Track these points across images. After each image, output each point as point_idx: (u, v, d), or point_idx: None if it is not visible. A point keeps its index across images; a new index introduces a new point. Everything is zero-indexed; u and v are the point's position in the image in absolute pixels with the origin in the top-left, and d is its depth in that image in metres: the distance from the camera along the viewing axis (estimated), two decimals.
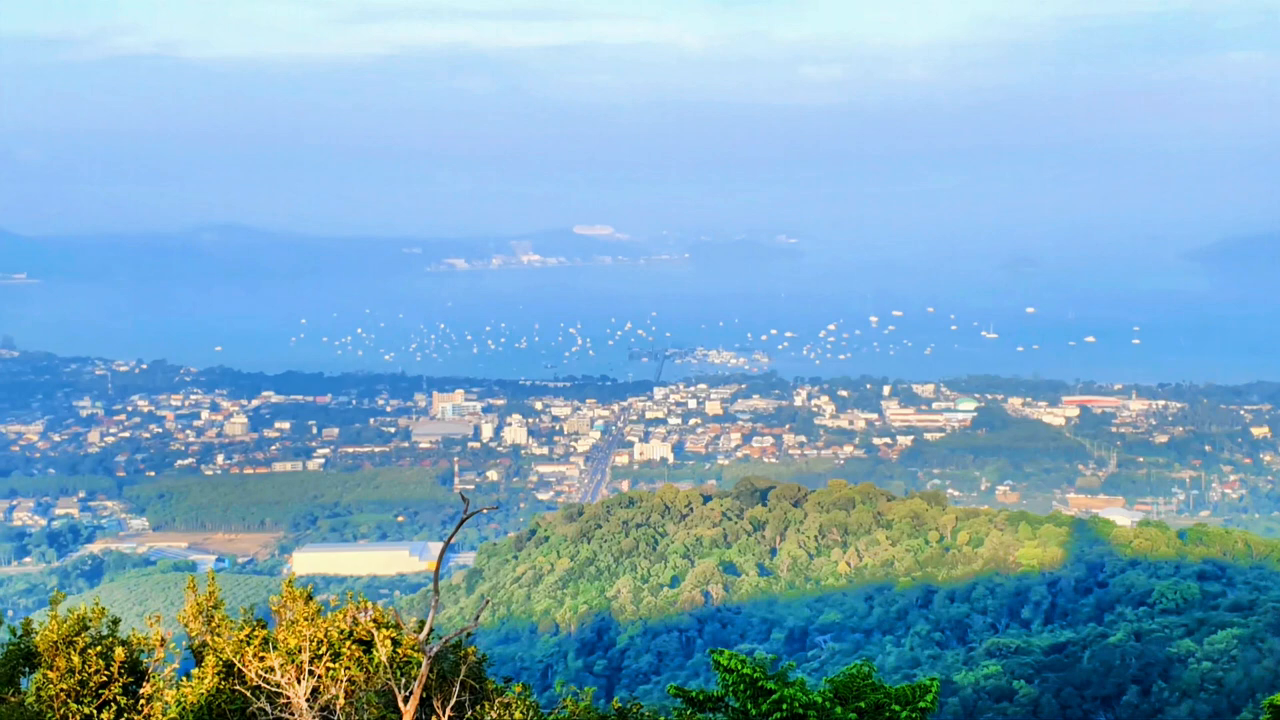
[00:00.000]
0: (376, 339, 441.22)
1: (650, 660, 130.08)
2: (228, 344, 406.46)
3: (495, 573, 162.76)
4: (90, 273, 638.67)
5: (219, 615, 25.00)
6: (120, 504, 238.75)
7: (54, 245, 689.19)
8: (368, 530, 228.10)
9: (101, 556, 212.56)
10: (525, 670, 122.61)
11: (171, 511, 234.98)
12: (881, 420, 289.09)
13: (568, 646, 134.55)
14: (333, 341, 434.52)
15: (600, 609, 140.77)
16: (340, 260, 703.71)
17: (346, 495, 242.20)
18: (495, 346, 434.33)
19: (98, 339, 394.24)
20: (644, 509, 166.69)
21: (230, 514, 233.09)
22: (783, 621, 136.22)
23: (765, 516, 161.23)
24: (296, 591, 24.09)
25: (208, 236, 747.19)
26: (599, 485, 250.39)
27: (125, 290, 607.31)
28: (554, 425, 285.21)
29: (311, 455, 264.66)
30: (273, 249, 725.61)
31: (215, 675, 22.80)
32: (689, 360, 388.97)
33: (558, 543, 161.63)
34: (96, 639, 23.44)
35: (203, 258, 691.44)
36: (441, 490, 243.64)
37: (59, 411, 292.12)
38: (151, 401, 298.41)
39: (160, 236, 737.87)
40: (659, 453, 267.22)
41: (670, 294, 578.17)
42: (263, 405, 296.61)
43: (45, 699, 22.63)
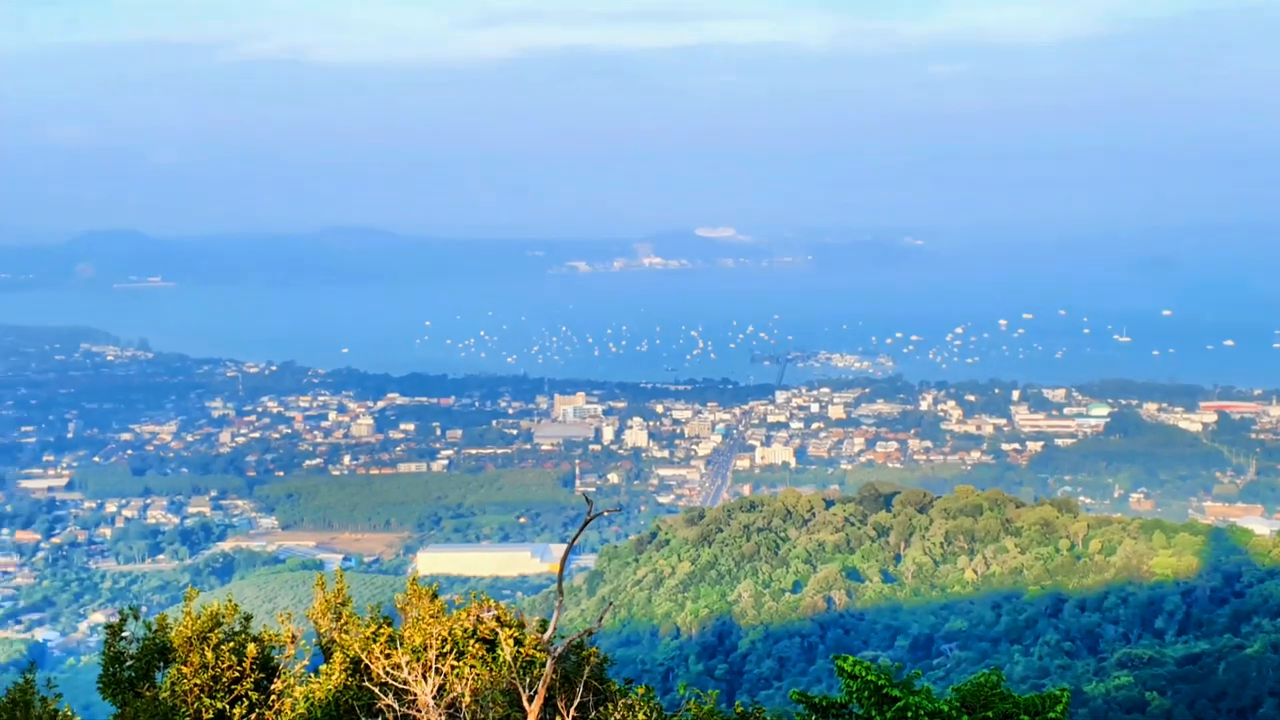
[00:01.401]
0: (499, 341, 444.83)
1: (772, 665, 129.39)
2: (354, 346, 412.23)
3: (616, 575, 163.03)
4: (222, 275, 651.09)
5: (347, 613, 25.24)
6: (250, 503, 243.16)
7: (188, 248, 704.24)
8: (490, 531, 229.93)
9: (232, 554, 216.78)
10: (646, 673, 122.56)
11: (300, 511, 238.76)
12: (1010, 425, 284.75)
13: (688, 650, 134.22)
14: (456, 344, 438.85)
15: (721, 613, 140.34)
16: (464, 263, 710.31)
17: (469, 496, 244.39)
18: (616, 349, 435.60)
19: (229, 340, 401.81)
20: (766, 513, 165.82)
21: (356, 514, 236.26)
22: (907, 629, 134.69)
23: (889, 522, 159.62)
24: (422, 590, 24.23)
25: (336, 239, 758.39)
26: (720, 489, 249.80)
27: (256, 292, 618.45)
28: (675, 428, 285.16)
29: (435, 457, 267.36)
30: (399, 252, 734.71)
31: (343, 671, 23.00)
32: (812, 363, 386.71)
33: (679, 546, 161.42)
34: (229, 635, 23.75)
35: (331, 260, 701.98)
36: (563, 492, 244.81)
37: (192, 412, 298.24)
38: (281, 403, 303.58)
39: (290, 239, 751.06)
40: (781, 457, 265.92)
41: (793, 296, 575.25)
42: (388, 407, 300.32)
43: (179, 694, 22.96)
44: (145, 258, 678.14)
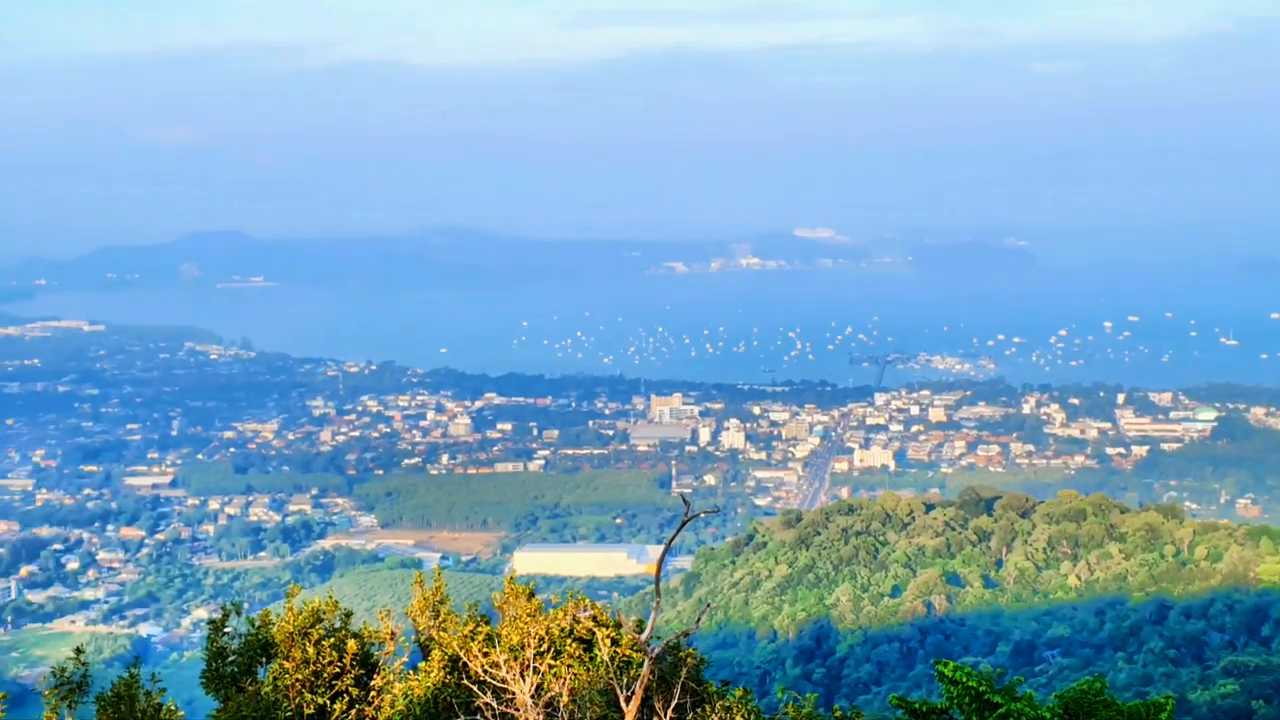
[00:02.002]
0: (596, 342, 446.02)
1: (870, 670, 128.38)
2: (452, 346, 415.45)
3: (713, 577, 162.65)
4: (323, 275, 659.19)
5: (445, 611, 25.34)
6: (350, 501, 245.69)
7: (289, 249, 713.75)
8: (586, 532, 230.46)
9: (332, 552, 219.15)
10: (743, 675, 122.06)
11: (399, 509, 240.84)
12: (1115, 429, 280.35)
13: (786, 653, 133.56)
14: (553, 344, 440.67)
15: (819, 616, 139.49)
16: (561, 263, 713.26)
17: (566, 496, 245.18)
18: (713, 350, 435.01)
19: (330, 340, 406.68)
20: (864, 516, 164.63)
21: (454, 513, 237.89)
22: (1008, 634, 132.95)
23: (991, 527, 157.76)
24: (519, 589, 24.26)
25: (434, 240, 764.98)
26: (818, 492, 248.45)
27: (356, 292, 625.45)
28: (772, 430, 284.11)
29: (532, 456, 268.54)
30: (497, 252, 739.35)
31: (441, 669, 23.08)
32: (912, 365, 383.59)
33: (776, 549, 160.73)
34: (330, 631, 23.93)
35: (430, 261, 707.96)
36: (659, 493, 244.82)
37: (293, 411, 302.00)
38: (380, 402, 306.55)
39: (389, 240, 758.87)
40: (880, 460, 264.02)
41: (893, 297, 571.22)
42: (486, 407, 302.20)
43: (281, 688, 23.16)
44: (248, 258, 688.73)
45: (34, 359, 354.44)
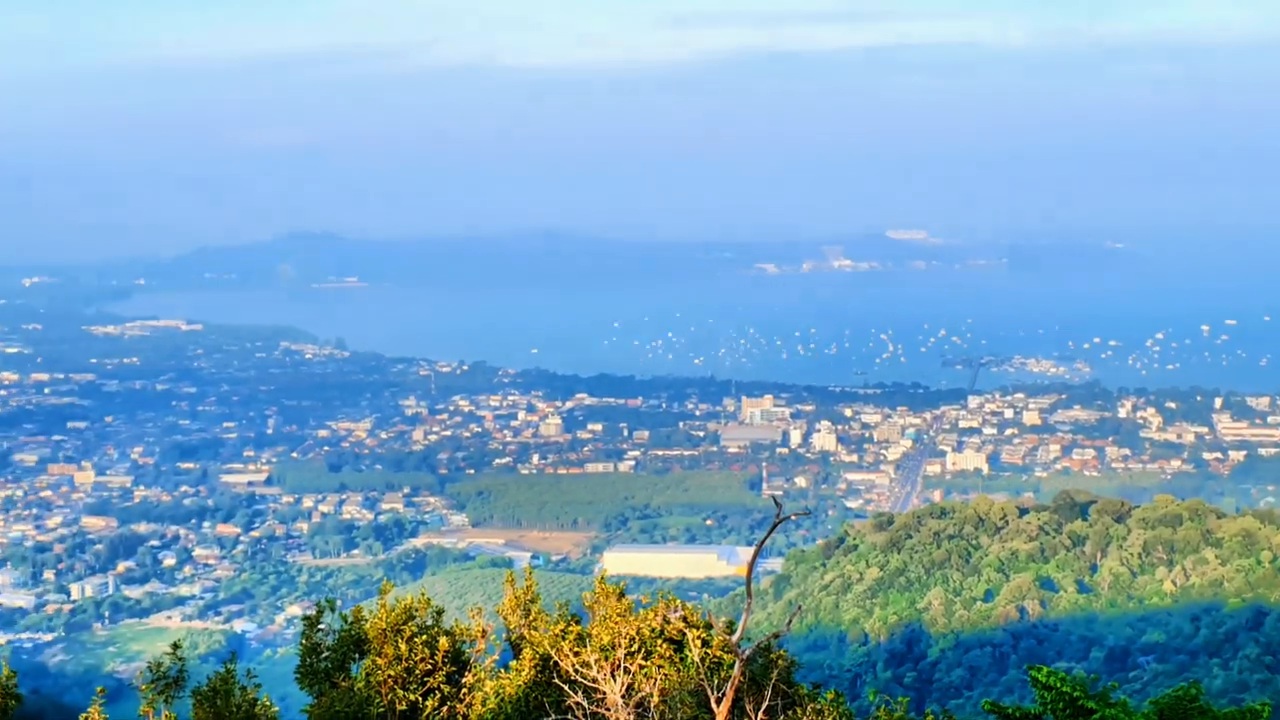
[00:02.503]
0: (686, 343, 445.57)
1: (962, 674, 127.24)
2: (543, 346, 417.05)
3: (803, 579, 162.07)
4: (416, 276, 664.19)
5: (536, 610, 25.42)
6: (442, 500, 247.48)
7: (383, 250, 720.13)
8: (676, 533, 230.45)
9: (424, 550, 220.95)
10: (833, 678, 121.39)
11: (489, 509, 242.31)
12: (1212, 434, 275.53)
13: (876, 656, 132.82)
14: (644, 345, 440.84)
15: (910, 620, 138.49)
16: (652, 264, 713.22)
17: (656, 497, 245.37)
18: (805, 352, 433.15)
19: (422, 340, 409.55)
20: (957, 520, 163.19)
21: (545, 512, 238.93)
22: (1102, 640, 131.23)
23: (1085, 531, 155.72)
24: (609, 589, 24.28)
25: (527, 241, 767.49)
26: (910, 495, 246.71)
27: (448, 293, 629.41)
28: (864, 432, 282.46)
29: (623, 457, 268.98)
30: (589, 253, 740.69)
31: (532, 668, 23.15)
32: (1005, 368, 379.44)
33: (867, 552, 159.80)
34: (422, 628, 24.11)
35: (521, 261, 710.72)
36: (749, 495, 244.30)
37: (386, 410, 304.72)
38: (472, 401, 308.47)
39: (481, 241, 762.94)
40: (973, 463, 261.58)
41: (987, 299, 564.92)
42: (576, 407, 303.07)
43: (374, 684, 23.36)
44: (343, 259, 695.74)
45: (133, 357, 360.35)
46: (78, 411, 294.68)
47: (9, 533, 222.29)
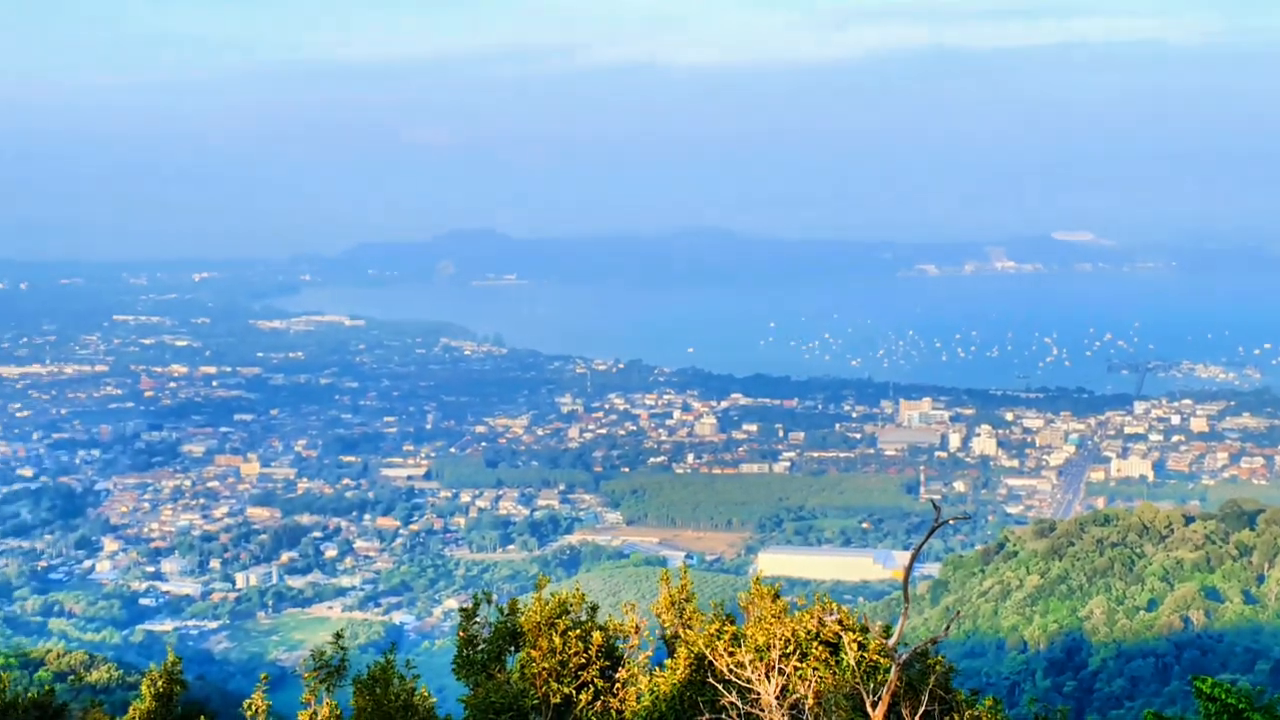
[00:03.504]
0: (844, 344, 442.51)
1: (1123, 685, 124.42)
2: (699, 346, 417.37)
3: (961, 585, 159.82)
4: (574, 274, 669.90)
5: (690, 609, 25.32)
6: (597, 498, 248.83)
7: (541, 248, 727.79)
8: (832, 535, 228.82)
9: (578, 547, 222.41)
10: (990, 686, 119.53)
11: (644, 507, 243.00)
12: None
13: (1035, 665, 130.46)
14: (800, 345, 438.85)
15: (1071, 629, 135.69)
16: (810, 264, 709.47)
17: (811, 499, 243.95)
18: (965, 354, 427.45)
19: (579, 338, 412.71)
20: (1120, 528, 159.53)
21: (699, 512, 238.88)
22: (1269, 652, 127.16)
23: (1253, 541, 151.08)
24: (764, 590, 24.08)
25: (685, 241, 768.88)
26: (1072, 501, 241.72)
27: (606, 292, 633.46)
28: (1025, 437, 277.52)
29: (778, 458, 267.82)
30: (745, 253, 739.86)
31: (687, 666, 23.05)
32: (1173, 374, 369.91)
33: (1027, 558, 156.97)
34: (576, 623, 24.17)
35: (679, 261, 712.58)
36: (907, 498, 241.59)
37: (542, 407, 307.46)
38: (627, 400, 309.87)
39: (639, 240, 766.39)
40: (1138, 470, 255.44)
41: (1155, 303, 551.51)
42: (732, 407, 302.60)
43: (528, 677, 23.48)
44: (502, 256, 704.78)
45: (298, 352, 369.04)
46: (244, 404, 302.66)
47: (177, 522, 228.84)
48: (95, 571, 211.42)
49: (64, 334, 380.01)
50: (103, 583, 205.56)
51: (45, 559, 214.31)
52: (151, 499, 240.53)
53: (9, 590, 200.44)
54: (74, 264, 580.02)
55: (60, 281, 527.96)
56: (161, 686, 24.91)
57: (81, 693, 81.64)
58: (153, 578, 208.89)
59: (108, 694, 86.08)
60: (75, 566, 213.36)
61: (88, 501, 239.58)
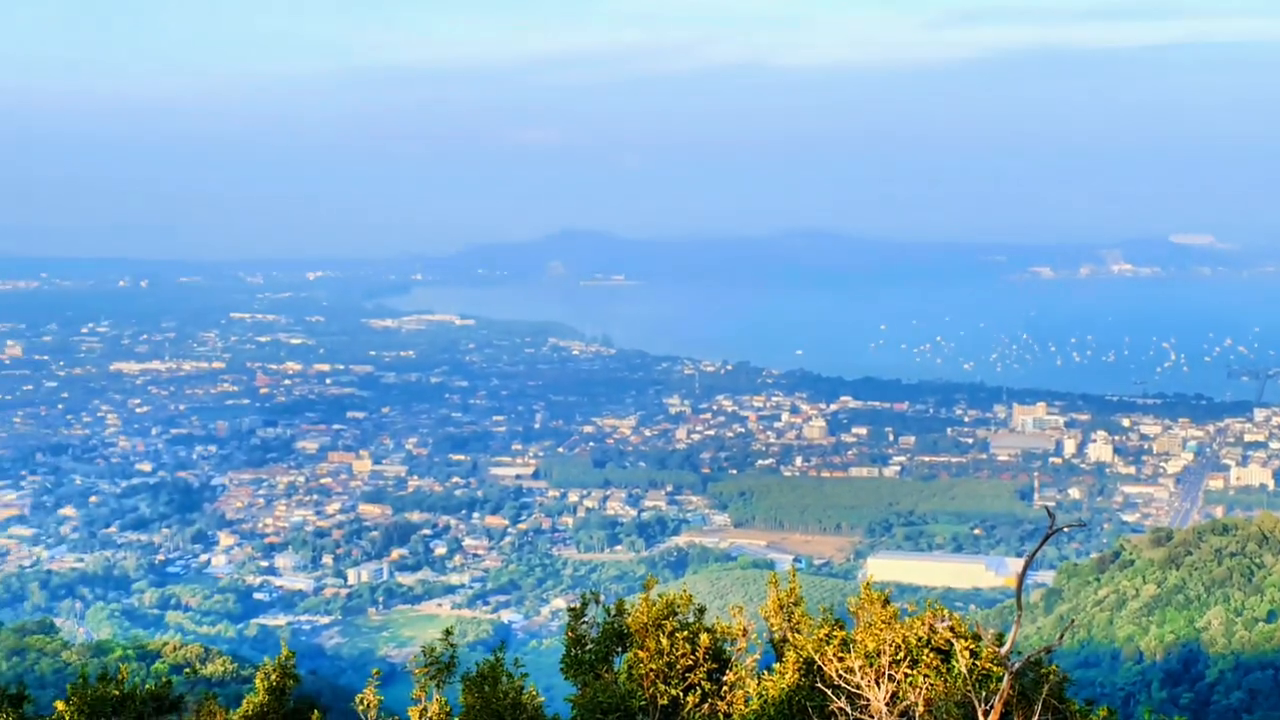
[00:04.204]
0: (956, 347, 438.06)
1: (1241, 697, 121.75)
2: (808, 348, 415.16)
3: (1075, 594, 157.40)
4: (683, 275, 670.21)
5: (799, 612, 25.09)
6: (704, 499, 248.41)
7: (650, 248, 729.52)
8: (943, 541, 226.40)
9: (686, 549, 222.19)
10: (1105, 696, 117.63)
11: (751, 509, 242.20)
12: None
13: (1151, 676, 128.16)
14: (911, 348, 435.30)
15: (1188, 639, 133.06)
16: (921, 267, 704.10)
17: (922, 504, 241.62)
18: (1080, 359, 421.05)
19: (687, 339, 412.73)
20: (1239, 537, 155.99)
21: (807, 515, 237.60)
22: None
23: None
24: (874, 595, 23.80)
25: (792, 241, 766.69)
26: (1190, 510, 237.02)
27: (714, 292, 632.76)
28: (1142, 444, 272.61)
29: (888, 462, 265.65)
30: (855, 254, 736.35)
31: (795, 671, 22.84)
32: None
33: (1144, 567, 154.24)
34: (683, 624, 24.05)
35: (788, 262, 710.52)
36: (1020, 505, 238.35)
37: (650, 408, 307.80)
38: (735, 402, 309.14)
39: (748, 241, 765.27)
40: (1257, 478, 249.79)
41: (1276, 308, 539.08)
42: (841, 410, 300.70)
43: (636, 678, 23.37)
44: (611, 257, 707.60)
45: (409, 351, 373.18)
46: (356, 402, 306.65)
47: (291, 517, 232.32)
48: (211, 566, 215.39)
49: (183, 331, 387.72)
50: (218, 577, 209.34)
51: (163, 552, 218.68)
52: (266, 495, 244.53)
53: (128, 583, 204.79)
54: (193, 263, 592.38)
55: (179, 280, 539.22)
56: (275, 680, 25.16)
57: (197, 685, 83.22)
58: (266, 572, 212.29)
59: (222, 686, 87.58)
60: (192, 560, 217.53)
61: (204, 496, 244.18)
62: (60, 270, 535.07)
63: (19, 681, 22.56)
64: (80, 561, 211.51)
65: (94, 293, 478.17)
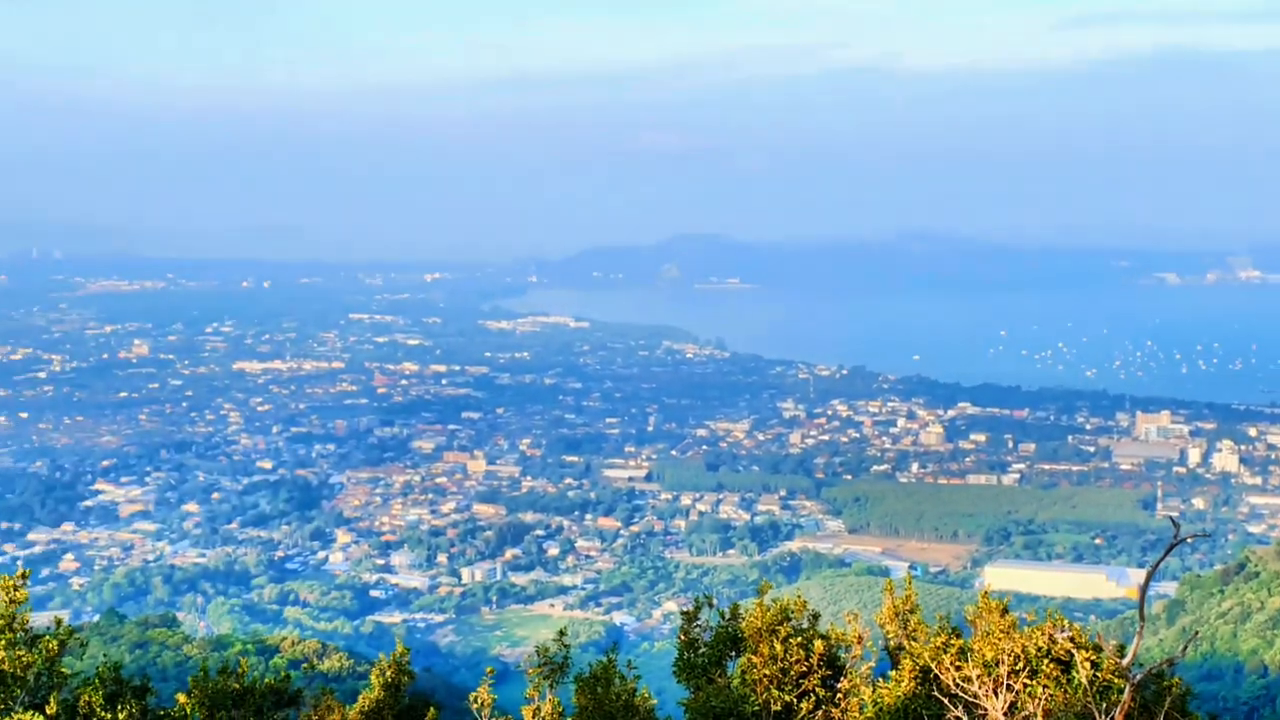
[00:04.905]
0: (1078, 354, 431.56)
1: None
2: (925, 353, 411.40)
3: (1199, 605, 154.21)
4: (798, 278, 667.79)
5: (915, 620, 24.87)
6: (818, 505, 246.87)
7: (766, 251, 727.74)
8: (1063, 550, 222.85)
9: (799, 554, 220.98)
10: (1227, 711, 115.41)
11: (866, 515, 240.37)
12: None
13: (1276, 691, 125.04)
14: (1032, 355, 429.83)
15: None
16: (1042, 271, 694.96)
17: (1041, 513, 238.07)
18: (1206, 367, 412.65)
19: (802, 343, 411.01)
20: None
21: (923, 522, 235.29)
22: None
23: None
24: (993, 604, 23.51)
25: (913, 245, 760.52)
26: None
27: (830, 296, 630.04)
28: (1269, 454, 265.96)
29: (1006, 469, 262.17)
30: (974, 259, 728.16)
31: (912, 679, 22.58)
32: None
33: (1270, 579, 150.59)
34: (798, 630, 23.89)
35: (907, 266, 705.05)
36: (1142, 515, 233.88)
37: (764, 412, 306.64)
38: (851, 406, 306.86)
39: (867, 245, 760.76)
40: None
41: None
42: (959, 416, 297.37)
43: (749, 682, 23.28)
44: (727, 260, 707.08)
45: (524, 352, 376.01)
46: (472, 403, 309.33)
47: (407, 516, 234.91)
48: (328, 563, 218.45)
49: (303, 331, 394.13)
50: (335, 574, 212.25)
51: (282, 549, 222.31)
52: (382, 493, 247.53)
53: (248, 578, 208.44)
54: (314, 264, 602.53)
55: (300, 281, 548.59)
56: (390, 676, 25.45)
57: (314, 680, 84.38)
58: (382, 570, 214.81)
59: (339, 682, 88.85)
60: (310, 557, 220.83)
61: (322, 494, 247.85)
62: (186, 271, 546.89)
63: (143, 674, 23.01)
64: (202, 557, 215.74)
65: (218, 293, 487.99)
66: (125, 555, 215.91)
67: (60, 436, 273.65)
